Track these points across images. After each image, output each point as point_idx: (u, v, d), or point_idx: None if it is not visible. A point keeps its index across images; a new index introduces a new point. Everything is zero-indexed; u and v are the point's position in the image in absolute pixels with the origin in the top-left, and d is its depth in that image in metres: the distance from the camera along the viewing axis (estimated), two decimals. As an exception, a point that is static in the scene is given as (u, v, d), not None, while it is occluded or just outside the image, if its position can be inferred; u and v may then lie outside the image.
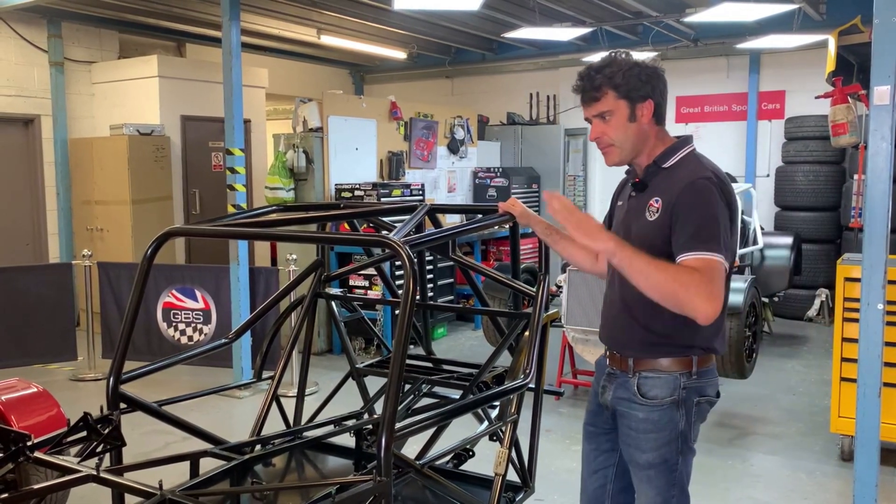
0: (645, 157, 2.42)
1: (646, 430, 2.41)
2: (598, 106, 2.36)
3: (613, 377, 2.52)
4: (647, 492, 2.45)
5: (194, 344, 6.58)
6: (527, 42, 9.97)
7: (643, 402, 2.40)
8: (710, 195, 2.26)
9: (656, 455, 2.40)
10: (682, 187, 2.28)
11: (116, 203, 8.24)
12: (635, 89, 2.33)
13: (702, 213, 2.24)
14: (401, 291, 3.91)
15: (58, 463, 2.25)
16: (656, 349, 2.40)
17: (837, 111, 6.06)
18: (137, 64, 8.71)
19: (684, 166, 2.36)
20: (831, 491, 4.40)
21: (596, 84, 2.34)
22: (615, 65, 2.34)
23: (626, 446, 2.49)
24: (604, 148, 2.42)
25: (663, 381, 2.38)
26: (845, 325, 4.73)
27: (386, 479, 2.11)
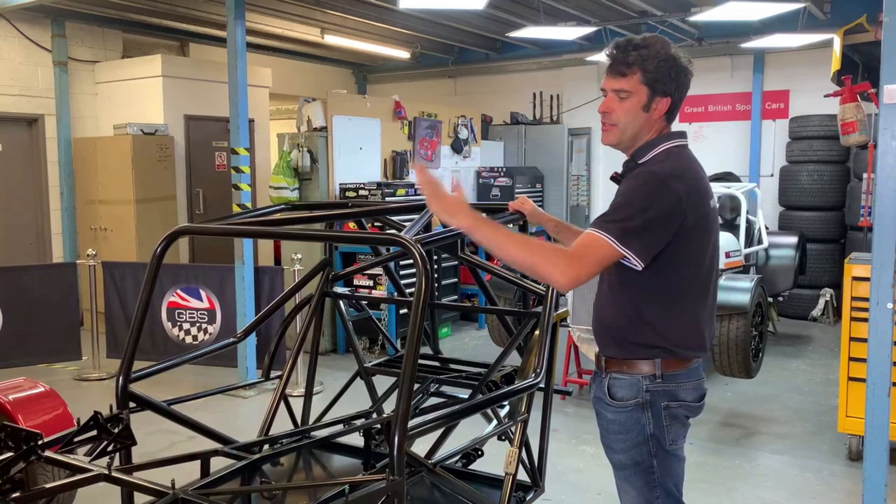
0: (631, 150, 2.37)
1: (615, 430, 2.40)
2: (621, 82, 2.28)
3: (596, 376, 2.54)
4: (629, 491, 2.44)
5: (199, 344, 6.57)
6: (530, 42, 9.96)
7: (610, 403, 2.39)
8: (645, 185, 2.20)
9: (626, 457, 2.39)
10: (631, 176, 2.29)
11: (120, 203, 8.23)
12: (661, 82, 2.28)
13: (623, 198, 2.22)
14: (409, 290, 3.92)
15: (69, 462, 2.24)
16: (621, 350, 2.37)
17: (846, 110, 6.04)
18: (141, 63, 8.70)
19: (652, 163, 2.30)
20: (839, 491, 4.38)
21: (629, 60, 2.27)
22: (652, 49, 2.27)
23: (603, 445, 2.51)
24: (606, 125, 2.36)
25: (627, 382, 2.35)
26: (853, 324, 4.71)
27: (399, 477, 2.10)
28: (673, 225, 2.19)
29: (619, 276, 2.31)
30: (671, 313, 2.30)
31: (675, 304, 2.30)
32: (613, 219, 2.18)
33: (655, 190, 2.19)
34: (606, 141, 2.39)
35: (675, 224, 2.19)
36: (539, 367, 2.79)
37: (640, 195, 2.19)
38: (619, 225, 2.15)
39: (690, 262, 2.28)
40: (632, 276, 2.25)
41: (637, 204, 2.18)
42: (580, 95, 10.98)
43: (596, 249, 2.15)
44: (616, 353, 2.38)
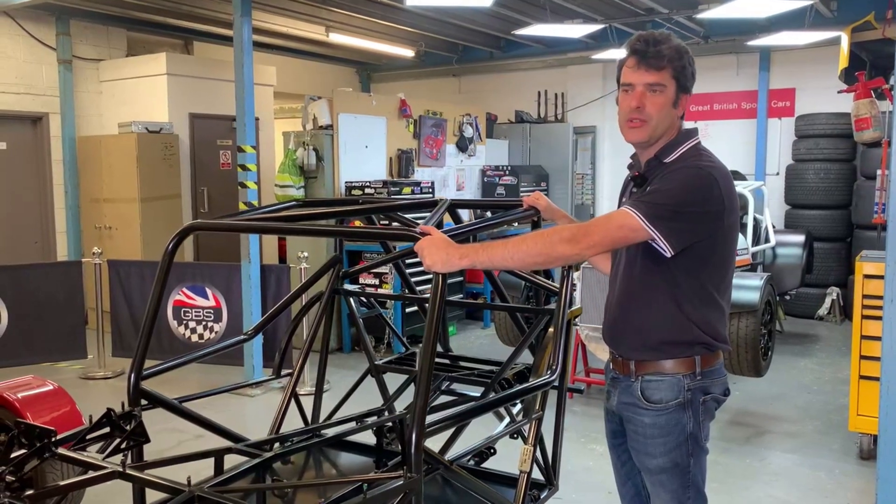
0: (654, 148, 2.32)
1: (653, 434, 2.33)
2: (656, 76, 2.23)
3: (617, 381, 2.46)
4: (662, 496, 2.39)
5: (205, 342, 6.55)
6: (535, 40, 9.93)
7: (648, 407, 2.33)
8: (684, 177, 2.19)
9: (666, 460, 2.33)
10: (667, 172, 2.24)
11: (125, 201, 8.21)
12: (686, 79, 2.28)
13: (663, 185, 2.19)
14: (419, 288, 3.90)
15: (83, 459, 2.22)
16: (657, 351, 2.32)
17: (860, 106, 6.02)
18: (146, 62, 8.68)
19: (684, 160, 2.27)
20: (852, 489, 4.36)
21: (662, 54, 2.22)
22: (678, 45, 2.26)
23: (635, 452, 2.43)
24: (636, 122, 2.27)
25: (667, 383, 2.31)
26: (864, 322, 4.68)
27: (416, 475, 2.08)
28: (712, 223, 2.20)
29: (654, 276, 2.27)
30: (710, 309, 2.31)
31: (712, 300, 2.31)
32: (647, 200, 2.16)
33: (702, 186, 2.18)
34: (636, 137, 2.31)
35: (713, 223, 2.20)
36: (555, 365, 2.77)
37: (684, 186, 2.18)
38: (651, 205, 2.14)
39: (725, 259, 2.29)
40: (671, 275, 2.24)
41: (678, 192, 2.17)
42: (585, 94, 10.95)
43: (611, 221, 2.16)
44: (653, 355, 2.32)
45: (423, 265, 2.16)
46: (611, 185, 10.95)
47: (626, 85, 2.29)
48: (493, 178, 9.63)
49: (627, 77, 2.28)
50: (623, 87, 2.31)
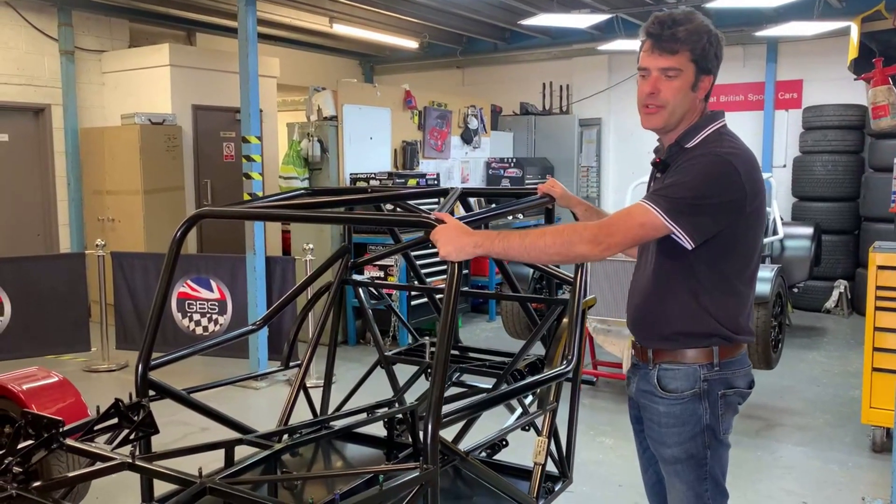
0: (675, 133, 2.25)
1: (668, 423, 2.29)
2: (670, 60, 2.15)
3: (637, 369, 2.42)
4: (678, 486, 2.35)
5: (209, 335, 6.51)
6: (540, 31, 9.86)
7: (663, 396, 2.28)
8: (705, 166, 2.11)
9: (680, 450, 2.28)
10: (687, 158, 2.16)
11: (128, 193, 8.16)
12: (707, 59, 2.18)
13: (682, 176, 2.12)
14: (430, 279, 3.84)
15: (91, 450, 2.18)
16: (674, 340, 2.26)
17: (878, 93, 5.94)
18: (148, 53, 8.62)
19: (704, 145, 2.19)
20: (865, 482, 4.31)
21: (677, 36, 2.13)
22: (697, 23, 2.16)
23: (651, 440, 2.39)
24: (651, 107, 2.20)
25: (682, 372, 2.25)
26: (878, 313, 4.63)
27: (432, 466, 2.04)
28: (733, 213, 2.13)
29: (672, 265, 2.22)
30: (730, 299, 2.24)
31: (734, 290, 2.24)
32: (666, 193, 2.10)
33: (721, 174, 2.10)
34: (652, 125, 2.25)
35: (735, 212, 2.13)
36: (570, 355, 2.72)
37: (702, 176, 2.10)
38: (670, 199, 2.08)
39: (749, 247, 2.22)
40: (689, 265, 2.18)
41: (697, 184, 2.09)
42: (590, 85, 10.88)
43: (632, 218, 2.10)
44: (669, 344, 2.27)
45: (439, 253, 2.11)
46: (616, 177, 10.89)
47: (641, 69, 2.23)
48: (498, 171, 9.57)
49: (642, 61, 2.22)
50: (639, 70, 2.24)
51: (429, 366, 3.38)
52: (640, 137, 10.70)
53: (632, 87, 11.08)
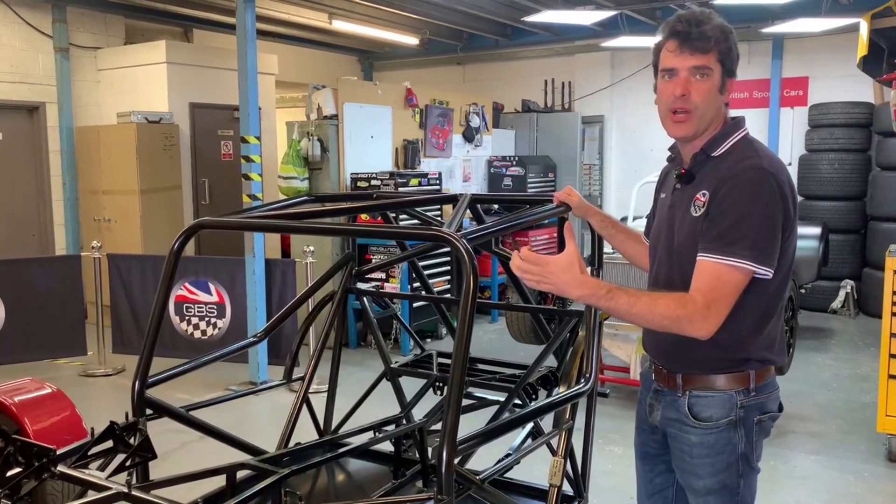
0: (700, 140, 2.11)
1: (700, 454, 2.14)
2: (702, 59, 2.01)
3: (661, 395, 2.26)
4: None
5: (208, 339, 6.38)
6: (542, 27, 9.73)
7: (696, 425, 2.13)
8: (757, 187, 1.97)
9: (714, 481, 2.14)
10: (730, 178, 2.00)
11: (124, 193, 8.02)
12: (732, 61, 2.06)
13: (739, 209, 1.95)
14: (431, 280, 3.71)
15: (85, 479, 2.05)
16: (708, 365, 2.12)
17: None
18: (145, 50, 8.47)
19: (734, 154, 2.07)
20: (883, 494, 4.20)
21: (707, 35, 2.00)
22: (722, 24, 2.04)
23: (680, 471, 2.24)
24: (682, 113, 2.06)
25: (718, 400, 2.11)
26: (894, 319, 4.51)
27: (447, 497, 1.91)
28: (786, 230, 2.01)
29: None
30: (767, 320, 2.11)
31: (770, 310, 2.10)
32: (740, 236, 1.93)
33: (773, 193, 1.97)
34: (682, 132, 2.09)
35: (788, 229, 2.01)
36: (588, 372, 2.60)
37: (757, 199, 1.96)
38: (749, 242, 1.93)
39: (787, 263, 2.08)
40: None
41: (759, 211, 1.95)
42: (593, 83, 10.75)
43: (726, 283, 1.94)
44: (701, 369, 2.13)
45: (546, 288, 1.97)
46: (618, 175, 10.77)
47: (666, 70, 2.06)
48: (500, 169, 9.44)
49: (668, 61, 2.05)
50: (663, 72, 2.08)
51: (437, 379, 3.26)
52: (642, 135, 10.61)
53: (635, 83, 10.98)
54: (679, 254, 2.12)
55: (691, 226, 2.07)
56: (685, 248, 2.08)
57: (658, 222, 2.30)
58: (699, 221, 2.04)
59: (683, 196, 2.14)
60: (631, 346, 5.71)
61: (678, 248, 2.12)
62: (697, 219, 2.05)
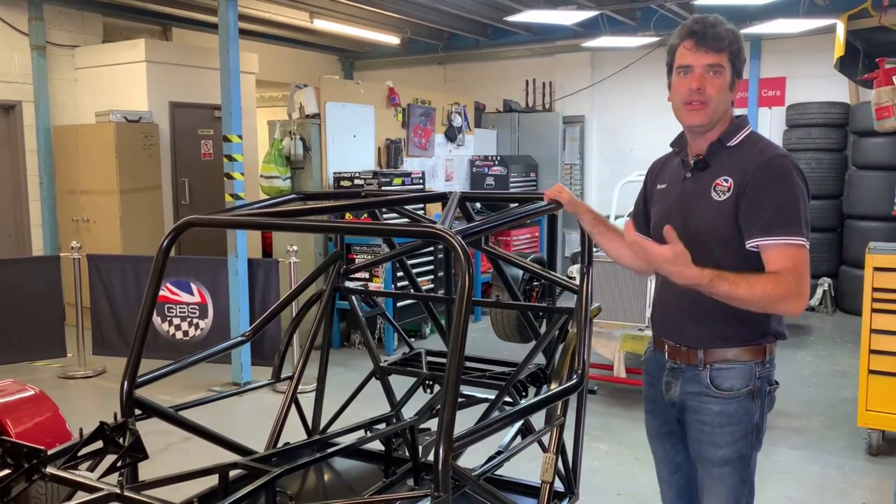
0: (712, 133, 2.29)
1: (721, 423, 2.29)
2: (716, 57, 2.21)
3: (678, 372, 2.38)
4: (719, 491, 2.33)
5: (190, 339, 6.33)
6: (523, 27, 9.75)
7: (718, 395, 2.29)
8: (789, 174, 2.18)
9: (732, 450, 2.29)
10: (758, 166, 2.19)
11: (103, 193, 7.92)
12: (741, 63, 2.29)
13: (784, 194, 2.15)
14: (427, 287, 3.70)
15: (77, 480, 2.02)
16: (733, 340, 2.29)
17: (882, 94, 5.91)
18: (123, 48, 8.37)
19: (751, 145, 2.27)
20: (865, 487, 4.26)
21: (721, 36, 2.21)
22: (733, 29, 2.25)
23: (697, 442, 2.36)
24: (697, 103, 2.23)
25: (738, 371, 2.28)
26: (874, 315, 4.58)
27: (444, 494, 1.92)
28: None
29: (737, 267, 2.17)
30: None
31: None
32: (793, 217, 2.14)
33: (798, 176, 2.19)
34: (696, 120, 2.26)
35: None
36: (579, 368, 2.61)
37: (793, 184, 2.17)
38: (800, 221, 2.14)
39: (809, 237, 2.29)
40: (753, 266, 2.17)
41: (796, 193, 2.16)
42: (573, 83, 10.80)
43: (802, 260, 2.14)
44: (727, 344, 2.28)
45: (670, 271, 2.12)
46: (599, 175, 10.82)
47: (682, 67, 2.26)
48: (483, 169, 9.45)
49: (685, 59, 2.25)
50: (679, 69, 2.27)
51: (427, 377, 3.26)
52: (622, 135, 10.68)
53: (615, 84, 11.02)
54: (697, 236, 2.24)
55: (713, 209, 2.24)
56: (705, 229, 2.24)
57: (664, 209, 2.42)
58: (725, 205, 2.22)
59: (698, 182, 2.30)
60: (615, 343, 5.75)
61: (696, 230, 2.25)
62: (722, 203, 2.22)
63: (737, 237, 2.20)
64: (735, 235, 2.21)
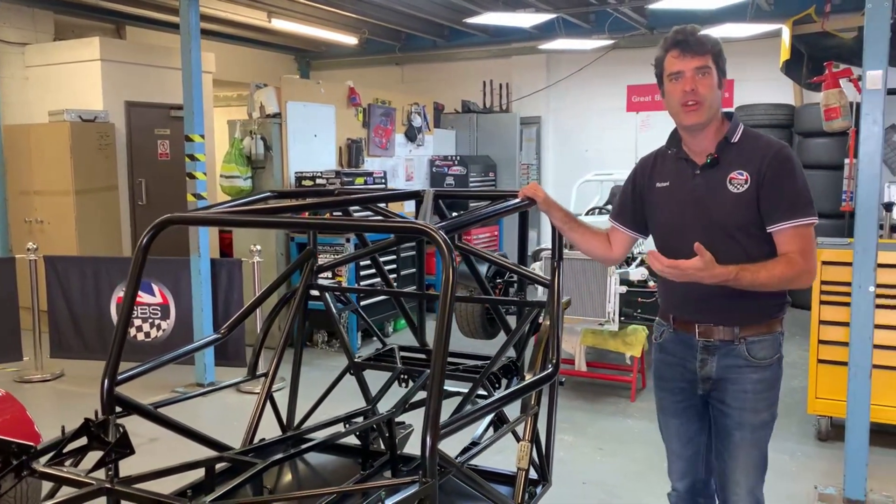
0: (713, 130, 2.49)
1: (761, 390, 2.54)
2: (702, 59, 2.41)
3: (713, 349, 2.57)
4: (752, 452, 2.59)
5: (151, 341, 6.26)
6: (479, 29, 9.87)
7: (756, 364, 2.52)
8: (795, 161, 2.44)
9: (769, 414, 2.58)
10: (771, 158, 2.41)
11: (58, 194, 7.77)
12: (724, 63, 2.49)
13: (797, 180, 2.40)
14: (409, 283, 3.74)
15: (67, 476, 2.04)
16: (766, 313, 2.52)
17: (830, 96, 6.16)
18: (77, 46, 8.22)
19: (752, 139, 2.50)
20: (816, 471, 4.47)
21: (702, 41, 2.43)
22: (710, 34, 2.46)
23: (738, 411, 2.55)
24: (692, 103, 2.42)
25: (769, 342, 2.53)
26: (822, 308, 4.81)
27: (432, 480, 1.99)
28: None
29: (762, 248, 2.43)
30: None
31: None
32: (805, 200, 2.40)
33: (799, 161, 2.46)
34: (695, 119, 2.44)
35: None
36: (554, 358, 2.71)
37: (799, 169, 2.43)
38: (810, 201, 2.42)
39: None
40: (772, 244, 2.43)
41: (803, 177, 2.43)
42: (530, 84, 10.96)
43: (809, 238, 2.42)
44: (758, 319, 2.51)
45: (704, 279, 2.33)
46: (555, 175, 11.00)
47: (673, 74, 2.45)
48: (442, 168, 9.54)
49: (674, 66, 2.44)
50: (670, 77, 2.46)
51: (402, 372, 3.33)
52: (577, 136, 10.89)
53: (570, 86, 11.18)
54: (718, 225, 2.46)
55: (730, 200, 2.44)
56: (729, 219, 2.45)
57: (674, 205, 2.58)
58: (744, 196, 2.42)
59: (711, 177, 2.49)
60: (575, 338, 5.90)
61: (717, 220, 2.46)
62: (740, 194, 2.43)
63: (757, 223, 2.42)
64: (755, 222, 2.42)
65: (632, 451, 4.84)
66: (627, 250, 2.89)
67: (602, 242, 2.86)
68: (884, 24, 3.64)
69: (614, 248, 2.85)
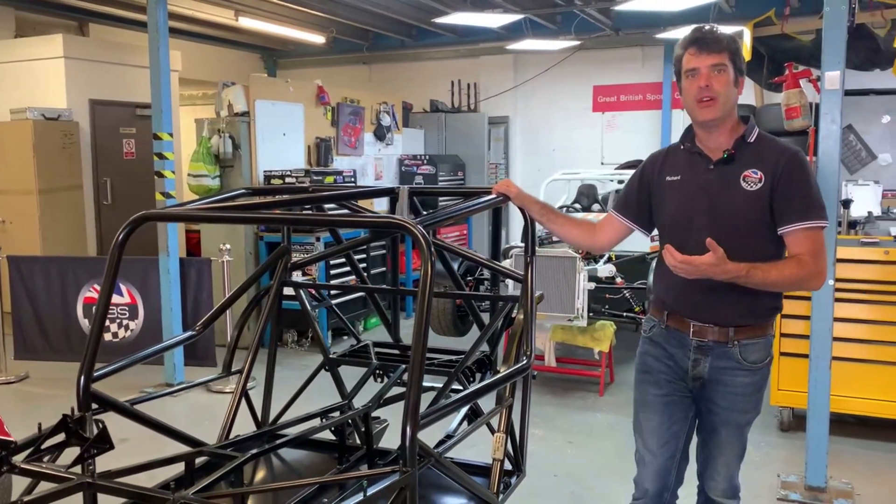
0: (728, 128, 2.53)
1: (750, 392, 2.60)
2: (718, 57, 2.44)
3: (706, 349, 2.59)
4: (735, 446, 2.71)
5: (120, 341, 6.20)
6: (448, 29, 9.92)
7: (748, 367, 2.56)
8: (807, 165, 2.50)
9: (755, 413, 2.67)
10: (786, 161, 2.46)
11: (20, 193, 7.64)
12: (741, 62, 2.51)
13: (809, 183, 2.47)
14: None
15: (47, 472, 2.04)
16: (760, 317, 2.56)
17: (790, 95, 6.31)
18: (39, 43, 8.09)
19: (767, 141, 2.55)
20: (778, 460, 4.60)
21: (719, 39, 2.46)
22: (728, 33, 2.50)
23: (726, 411, 2.62)
24: (707, 99, 2.45)
25: (762, 345, 2.57)
26: (784, 301, 4.92)
27: (411, 469, 2.04)
28: None
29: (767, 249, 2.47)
30: None
31: None
32: (817, 203, 2.45)
33: (810, 166, 2.52)
34: (709, 115, 2.47)
35: None
36: (528, 351, 2.77)
37: (811, 173, 2.50)
38: (822, 205, 2.47)
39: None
40: (775, 246, 2.49)
41: (814, 181, 2.51)
42: (497, 84, 11.05)
43: (821, 241, 2.45)
44: (754, 321, 2.54)
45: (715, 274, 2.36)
46: (523, 174, 11.11)
47: (690, 71, 2.48)
48: (412, 168, 9.57)
49: (691, 63, 2.48)
50: (687, 73, 2.50)
51: (377, 367, 3.36)
52: (544, 135, 11.01)
53: (537, 86, 11.30)
54: (726, 219, 2.49)
55: (743, 197, 2.48)
56: (739, 216, 2.48)
57: (685, 197, 2.60)
58: (757, 195, 2.46)
59: (725, 173, 2.52)
60: (545, 334, 5.97)
61: (725, 215, 2.49)
62: (753, 192, 2.47)
63: (768, 222, 2.46)
64: (765, 220, 2.47)
65: (601, 443, 4.93)
66: (616, 240, 2.87)
67: (584, 230, 2.88)
68: (841, 27, 3.76)
69: (603, 235, 2.85)
